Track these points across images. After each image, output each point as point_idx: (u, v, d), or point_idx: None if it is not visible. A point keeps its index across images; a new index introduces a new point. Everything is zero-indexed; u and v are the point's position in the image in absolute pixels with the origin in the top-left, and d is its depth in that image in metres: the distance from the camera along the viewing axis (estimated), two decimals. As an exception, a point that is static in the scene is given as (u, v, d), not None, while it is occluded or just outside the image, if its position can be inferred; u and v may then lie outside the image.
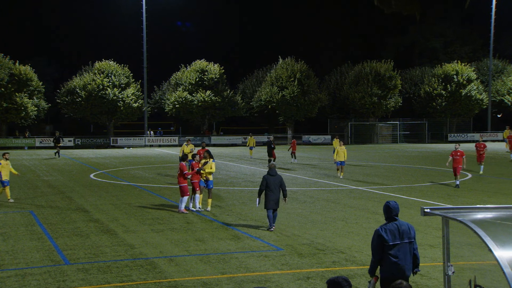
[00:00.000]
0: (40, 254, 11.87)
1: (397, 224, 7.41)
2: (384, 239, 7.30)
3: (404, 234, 7.37)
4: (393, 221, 7.45)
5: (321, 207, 17.88)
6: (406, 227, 7.44)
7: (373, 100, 63.69)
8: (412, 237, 7.44)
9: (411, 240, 7.42)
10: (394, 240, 7.31)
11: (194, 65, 62.04)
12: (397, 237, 7.33)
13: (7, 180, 19.16)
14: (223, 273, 10.43)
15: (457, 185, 22.42)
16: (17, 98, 54.74)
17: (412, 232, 7.44)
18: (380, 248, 7.34)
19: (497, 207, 6.37)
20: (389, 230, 7.35)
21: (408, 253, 7.37)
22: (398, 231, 7.35)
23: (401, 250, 7.30)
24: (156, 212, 17.08)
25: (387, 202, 7.64)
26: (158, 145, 58.89)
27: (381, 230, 7.36)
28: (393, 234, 7.33)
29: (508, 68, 71.21)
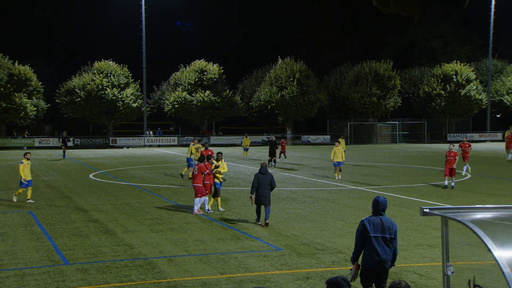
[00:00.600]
0: (39, 254, 11.86)
1: (381, 218, 7.84)
2: (367, 229, 7.77)
3: (386, 229, 7.79)
4: (378, 215, 7.89)
5: (321, 207, 17.89)
6: (389, 223, 7.86)
7: (372, 100, 63.71)
8: (393, 233, 7.83)
9: (391, 236, 7.80)
10: (376, 232, 7.73)
11: (193, 65, 62.04)
12: (379, 230, 7.75)
13: (30, 180, 18.96)
14: (223, 273, 10.43)
15: (446, 186, 22.03)
16: (16, 98, 54.72)
17: (393, 228, 7.85)
18: (363, 238, 7.79)
19: (496, 207, 6.38)
20: (372, 222, 7.82)
21: (389, 247, 7.76)
22: (381, 225, 7.79)
23: (381, 243, 7.71)
24: (156, 212, 17.07)
25: (377, 197, 8.06)
26: (157, 145, 58.88)
27: (365, 221, 7.87)
28: (376, 226, 7.78)
29: (507, 68, 71.26)
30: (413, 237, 13.53)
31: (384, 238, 7.78)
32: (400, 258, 11.54)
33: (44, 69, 69.91)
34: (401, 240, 13.21)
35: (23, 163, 18.77)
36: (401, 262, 11.31)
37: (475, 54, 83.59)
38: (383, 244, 7.74)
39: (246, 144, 40.15)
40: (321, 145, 60.76)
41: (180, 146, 57.84)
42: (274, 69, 64.35)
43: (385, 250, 7.75)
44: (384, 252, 7.74)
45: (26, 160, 18.93)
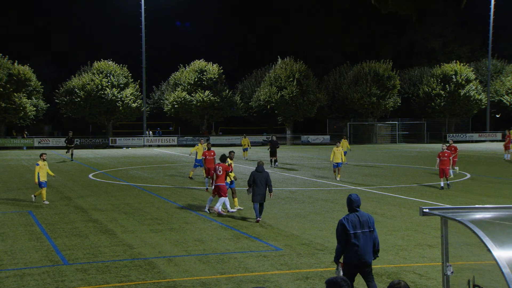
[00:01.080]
0: (39, 254, 11.86)
1: (358, 215, 8.19)
2: (346, 228, 8.06)
3: (364, 224, 8.16)
4: (354, 212, 8.24)
5: (320, 207, 17.89)
6: (366, 217, 8.23)
7: (372, 100, 63.72)
8: (371, 226, 8.21)
9: (371, 229, 8.18)
10: (355, 229, 8.07)
11: (193, 65, 62.03)
12: (357, 226, 8.10)
13: (45, 181, 18.83)
14: (222, 273, 10.43)
15: (443, 187, 21.80)
16: (16, 98, 54.69)
17: (371, 222, 8.22)
18: (344, 237, 8.08)
19: (495, 207, 6.38)
20: (350, 220, 8.12)
21: (369, 241, 8.13)
22: (359, 221, 8.13)
23: (361, 238, 8.07)
24: (155, 212, 17.07)
25: (350, 195, 8.43)
26: (157, 145, 58.87)
27: (344, 220, 8.15)
28: (354, 224, 8.10)
29: (506, 68, 71.28)
30: (412, 237, 13.53)
31: (364, 233, 8.12)
32: (399, 258, 11.55)
33: (43, 69, 69.88)
34: (400, 240, 13.22)
35: (39, 165, 18.62)
36: (400, 262, 11.31)
37: (474, 54, 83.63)
38: (363, 239, 8.08)
39: (244, 144, 39.91)
40: (321, 145, 60.77)
41: (180, 146, 57.84)
42: (273, 69, 64.33)
43: (366, 244, 8.10)
44: (365, 246, 8.09)
45: (42, 161, 18.78)
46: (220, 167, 16.47)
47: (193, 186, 23.82)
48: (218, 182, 16.37)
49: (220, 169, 16.39)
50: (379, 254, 8.50)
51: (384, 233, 13.93)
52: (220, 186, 16.36)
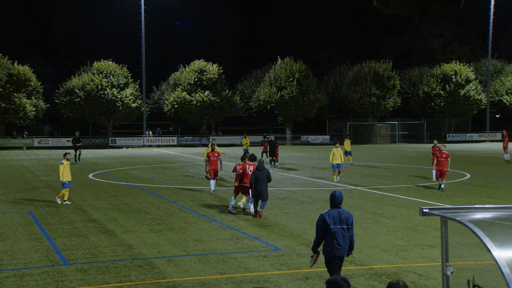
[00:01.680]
0: (39, 255, 11.86)
1: (339, 211, 8.67)
2: (327, 222, 8.57)
3: (344, 221, 8.63)
4: (336, 208, 8.71)
5: (320, 207, 17.88)
6: (347, 215, 8.71)
7: (371, 100, 63.72)
8: (350, 224, 8.69)
9: (349, 227, 8.66)
10: (335, 224, 8.56)
11: (192, 65, 62.01)
12: (337, 222, 8.58)
13: (69, 181, 18.64)
14: (222, 273, 10.43)
15: (441, 188, 21.39)
16: (16, 98, 54.67)
17: (350, 220, 8.71)
18: (323, 230, 8.59)
19: (495, 207, 6.39)
20: (331, 216, 8.62)
21: (347, 237, 8.61)
22: (339, 217, 8.62)
23: (340, 234, 8.55)
24: (155, 212, 17.07)
25: (333, 192, 8.94)
26: (157, 145, 58.86)
27: (325, 215, 8.65)
28: (335, 219, 8.59)
29: (506, 68, 71.27)
30: (412, 237, 13.53)
31: (343, 228, 8.60)
32: (399, 258, 11.55)
33: (43, 69, 69.87)
34: (400, 240, 13.22)
35: (63, 164, 18.47)
36: (400, 262, 11.31)
37: (474, 54, 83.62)
38: (342, 234, 8.56)
39: (245, 144, 39.71)
40: (321, 145, 60.77)
41: (180, 146, 57.84)
42: (273, 69, 64.31)
43: (344, 239, 8.58)
44: (343, 241, 8.57)
45: (66, 161, 18.66)
46: (251, 166, 16.59)
47: (193, 186, 23.82)
48: (244, 183, 16.53)
49: (251, 169, 16.50)
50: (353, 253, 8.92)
51: (384, 233, 13.94)
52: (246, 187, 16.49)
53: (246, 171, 16.60)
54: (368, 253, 11.92)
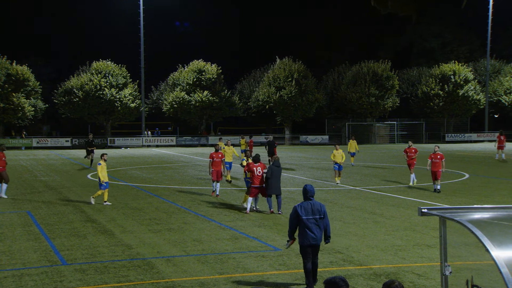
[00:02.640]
0: (37, 255, 11.85)
1: (311, 203, 9.47)
2: (298, 213, 9.41)
3: (316, 212, 9.44)
4: (308, 201, 9.54)
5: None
6: (318, 206, 9.52)
7: (370, 100, 63.74)
8: (322, 214, 9.47)
9: (321, 216, 9.44)
10: (307, 215, 9.37)
11: (191, 65, 61.97)
12: (309, 213, 9.39)
13: (107, 182, 18.46)
14: (221, 274, 10.43)
15: (437, 190, 20.94)
16: (14, 98, 54.61)
17: (322, 210, 9.49)
18: (295, 220, 9.48)
19: (494, 207, 6.39)
20: (303, 207, 9.45)
21: (319, 226, 9.43)
22: (311, 208, 9.41)
23: (312, 223, 9.35)
24: (154, 212, 17.06)
25: (305, 185, 9.82)
26: (156, 145, 58.83)
27: (298, 207, 9.52)
28: (307, 210, 9.41)
29: (505, 68, 71.30)
30: (411, 237, 13.54)
31: (315, 219, 9.39)
32: (398, 258, 11.56)
33: (42, 69, 69.79)
34: (399, 240, 13.23)
35: (101, 165, 18.28)
36: (399, 262, 11.32)
37: (473, 54, 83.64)
38: (314, 224, 9.36)
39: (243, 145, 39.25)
40: (320, 145, 60.77)
41: (178, 147, 57.81)
42: (272, 69, 64.29)
43: (316, 229, 9.39)
44: (316, 230, 9.38)
45: (104, 162, 18.44)
46: (259, 167, 16.60)
47: (192, 186, 23.82)
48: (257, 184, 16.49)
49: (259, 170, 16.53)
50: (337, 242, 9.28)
51: (383, 233, 13.94)
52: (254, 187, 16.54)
53: (255, 172, 16.55)
54: (367, 253, 11.92)
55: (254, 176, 16.49)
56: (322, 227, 9.46)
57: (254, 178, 16.49)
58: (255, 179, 16.48)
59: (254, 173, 16.50)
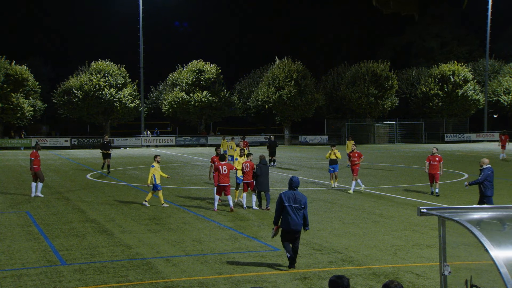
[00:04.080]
0: (36, 255, 11.84)
1: (294, 193, 10.69)
2: (282, 200, 10.61)
3: (297, 201, 10.59)
4: (292, 190, 10.73)
5: (318, 207, 17.89)
6: (300, 196, 10.68)
7: (369, 100, 63.75)
8: (303, 204, 10.61)
9: (302, 206, 10.58)
10: (289, 203, 10.53)
11: (190, 65, 61.94)
12: (291, 201, 10.55)
13: (160, 183, 18.12)
14: (220, 274, 10.43)
15: (435, 193, 20.22)
16: (13, 98, 54.57)
17: (303, 201, 10.64)
18: (280, 207, 10.59)
19: (493, 207, 6.40)
20: (287, 195, 10.68)
21: (299, 214, 10.56)
22: (294, 197, 10.61)
23: (294, 211, 10.51)
24: (153, 212, 17.06)
25: (292, 177, 11.01)
26: (155, 145, 58.81)
27: (282, 195, 10.75)
28: (289, 198, 10.59)
29: (504, 68, 71.34)
30: (410, 237, 13.54)
31: (296, 207, 10.54)
32: (397, 258, 11.57)
33: (41, 69, 69.74)
34: (398, 240, 13.23)
35: (154, 167, 17.89)
36: (398, 262, 11.32)
37: (472, 54, 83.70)
38: (295, 211, 10.50)
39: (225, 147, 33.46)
40: (319, 145, 60.78)
41: (178, 147, 57.79)
42: (271, 69, 64.29)
43: (297, 216, 10.53)
44: (296, 217, 10.52)
45: (157, 163, 18.05)
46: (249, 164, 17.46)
47: (191, 186, 23.81)
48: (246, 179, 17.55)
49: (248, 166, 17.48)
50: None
51: (382, 233, 13.95)
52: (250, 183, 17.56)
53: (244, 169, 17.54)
54: (366, 253, 11.93)
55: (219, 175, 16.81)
56: (301, 216, 10.58)
57: (219, 176, 16.81)
58: (220, 177, 16.80)
59: (220, 172, 16.78)
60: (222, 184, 16.89)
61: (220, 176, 16.82)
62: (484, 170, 15.14)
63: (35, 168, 20.18)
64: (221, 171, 16.82)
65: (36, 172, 20.21)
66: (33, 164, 20.19)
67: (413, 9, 4.66)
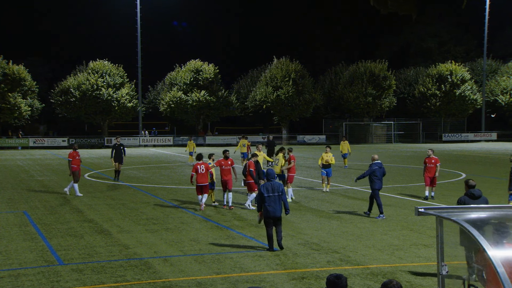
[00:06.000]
0: (34, 255, 11.82)
1: (271, 183, 12.07)
2: (261, 192, 11.97)
3: (275, 190, 11.95)
4: (269, 182, 12.12)
5: (316, 207, 17.90)
6: (277, 185, 12.06)
7: (367, 100, 63.82)
8: (280, 191, 11.96)
9: (279, 193, 11.95)
10: (268, 193, 11.91)
11: (188, 65, 61.93)
12: (270, 191, 11.93)
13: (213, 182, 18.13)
14: (218, 273, 10.42)
15: (430, 196, 19.40)
16: (11, 98, 54.50)
17: (280, 188, 12.00)
18: (261, 198, 11.96)
19: (490, 206, 6.42)
20: (265, 187, 12.01)
21: (278, 202, 11.92)
22: (271, 187, 11.96)
23: (272, 199, 11.88)
24: (151, 212, 17.04)
25: (268, 169, 12.60)
26: (153, 145, 58.78)
27: (261, 187, 12.11)
28: (268, 189, 11.94)
29: (501, 68, 71.51)
30: (408, 236, 13.56)
31: (274, 196, 11.88)
32: (395, 258, 11.58)
33: (38, 69, 69.64)
34: (396, 239, 13.24)
35: (211, 164, 18.00)
36: (396, 261, 11.33)
37: (470, 54, 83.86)
38: (273, 200, 11.87)
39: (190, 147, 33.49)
40: (317, 145, 60.79)
41: (176, 146, 57.75)
42: (269, 69, 64.32)
43: (276, 203, 11.88)
44: (274, 205, 11.86)
45: (213, 161, 18.17)
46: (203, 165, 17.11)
47: (189, 186, 23.80)
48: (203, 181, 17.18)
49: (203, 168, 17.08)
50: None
51: (379, 233, 13.96)
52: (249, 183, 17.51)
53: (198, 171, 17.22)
54: (364, 253, 11.94)
55: (197, 175, 16.81)
56: (280, 202, 11.94)
57: (197, 176, 16.81)
58: (198, 177, 16.81)
59: (197, 172, 16.80)
60: (200, 184, 16.90)
61: (198, 176, 16.87)
62: (371, 166, 16.02)
63: (73, 168, 20.49)
64: (199, 171, 16.86)
65: (73, 172, 20.47)
66: (72, 164, 20.55)
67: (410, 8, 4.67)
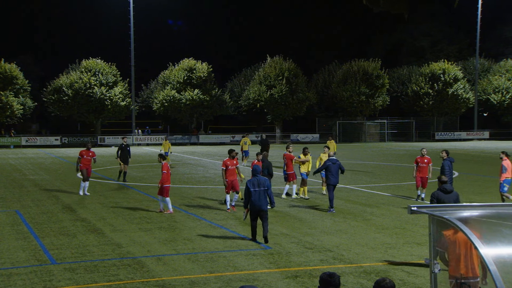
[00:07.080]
0: (26, 254, 11.76)
1: (257, 178, 12.61)
2: (248, 187, 12.46)
3: (261, 184, 12.49)
4: (255, 177, 12.64)
5: (310, 206, 17.92)
6: (263, 180, 12.61)
7: (361, 98, 63.93)
8: (266, 186, 12.53)
9: (265, 188, 12.50)
10: (254, 187, 12.43)
11: (182, 64, 61.79)
12: (256, 186, 12.45)
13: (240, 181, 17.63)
14: (211, 272, 10.42)
15: (421, 198, 18.76)
16: (2, 96, 54.16)
17: (266, 183, 12.58)
18: (248, 193, 12.44)
19: (482, 205, 6.44)
20: (251, 182, 12.55)
21: (263, 196, 12.48)
22: (257, 182, 12.51)
23: (258, 194, 12.41)
24: (144, 211, 17.00)
25: (254, 165, 13.58)
26: (146, 143, 58.64)
27: (248, 182, 12.62)
28: (254, 184, 12.49)
29: (494, 67, 71.85)
30: (401, 235, 13.61)
31: (260, 190, 12.42)
32: (388, 256, 11.62)
33: (30, 67, 69.23)
34: (389, 238, 13.29)
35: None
36: (389, 260, 11.37)
37: (462, 53, 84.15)
38: (259, 194, 12.40)
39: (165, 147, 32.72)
40: (310, 143, 60.84)
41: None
42: (263, 67, 64.30)
43: (261, 198, 12.44)
44: (259, 200, 12.41)
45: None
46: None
47: (182, 185, 23.76)
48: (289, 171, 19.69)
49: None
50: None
51: (373, 231, 14.00)
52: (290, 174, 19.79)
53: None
54: (357, 251, 11.97)
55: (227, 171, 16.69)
56: (265, 197, 12.48)
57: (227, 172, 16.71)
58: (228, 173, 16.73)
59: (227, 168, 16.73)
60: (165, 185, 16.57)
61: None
62: (325, 162, 17.50)
63: (81, 166, 20.44)
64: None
65: (81, 170, 20.41)
66: (80, 162, 20.56)
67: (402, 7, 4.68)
